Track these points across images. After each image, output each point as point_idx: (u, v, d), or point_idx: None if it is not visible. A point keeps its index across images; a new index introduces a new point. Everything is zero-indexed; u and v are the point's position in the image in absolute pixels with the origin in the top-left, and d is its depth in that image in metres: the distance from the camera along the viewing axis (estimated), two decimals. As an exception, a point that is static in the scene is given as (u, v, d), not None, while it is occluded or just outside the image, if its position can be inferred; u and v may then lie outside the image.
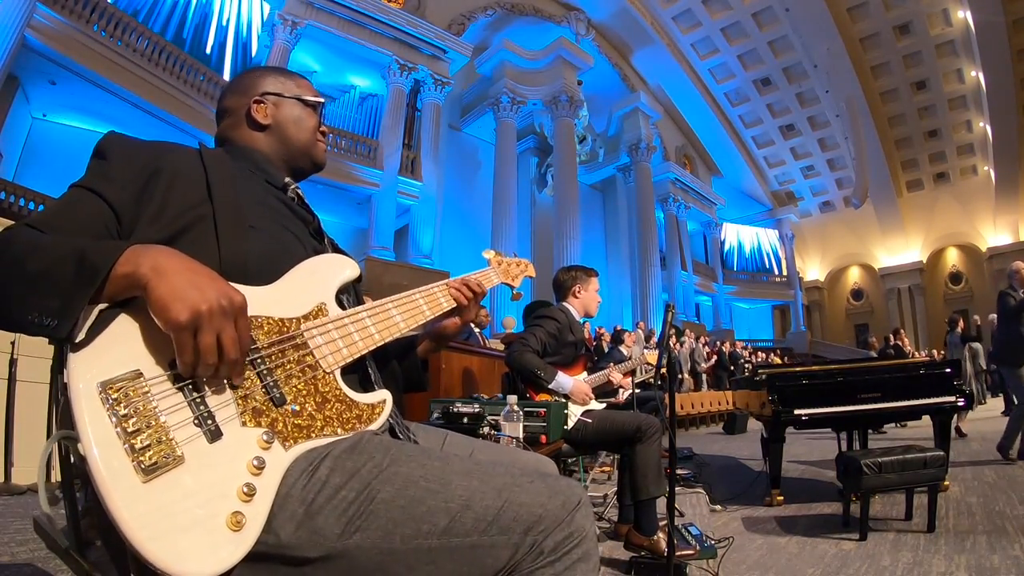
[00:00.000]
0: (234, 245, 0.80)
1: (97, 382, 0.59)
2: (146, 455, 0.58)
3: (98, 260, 0.63)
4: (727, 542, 2.33)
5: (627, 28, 19.33)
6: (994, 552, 2.21)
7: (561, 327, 2.62)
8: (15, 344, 3.15)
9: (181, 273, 0.64)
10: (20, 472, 3.14)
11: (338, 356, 0.81)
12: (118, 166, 0.80)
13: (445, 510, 0.68)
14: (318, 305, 0.83)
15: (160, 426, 0.60)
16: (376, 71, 13.38)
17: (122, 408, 0.59)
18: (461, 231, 14.58)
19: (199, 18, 11.42)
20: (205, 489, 0.60)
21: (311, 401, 0.75)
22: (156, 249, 0.66)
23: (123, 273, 0.63)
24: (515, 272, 1.30)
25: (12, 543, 2.16)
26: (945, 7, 17.69)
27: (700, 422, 9.83)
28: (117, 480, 0.56)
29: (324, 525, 0.66)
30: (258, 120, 1.02)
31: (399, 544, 0.67)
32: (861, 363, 4.35)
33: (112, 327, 0.64)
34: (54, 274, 0.63)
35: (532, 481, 0.73)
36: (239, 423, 0.67)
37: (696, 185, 22.00)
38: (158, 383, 0.63)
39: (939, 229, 23.10)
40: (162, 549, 0.55)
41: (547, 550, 0.69)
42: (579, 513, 0.73)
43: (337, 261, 0.91)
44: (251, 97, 1.03)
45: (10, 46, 7.50)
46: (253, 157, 1.00)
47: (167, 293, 0.62)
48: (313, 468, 0.69)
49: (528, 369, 2.44)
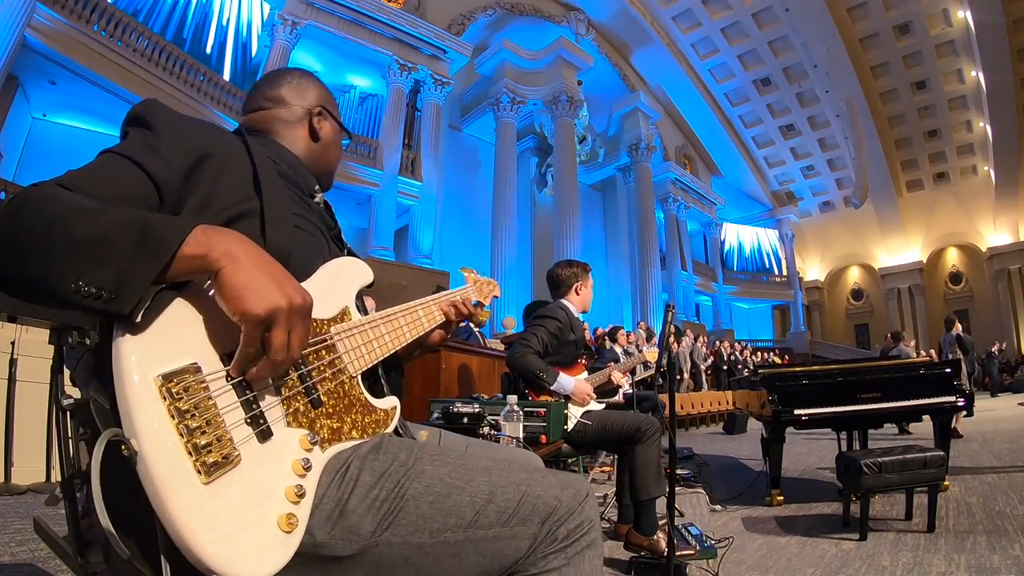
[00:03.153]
0: (280, 242, 0.79)
1: (157, 374, 0.56)
2: (207, 454, 0.56)
3: (168, 234, 0.57)
4: (727, 542, 2.33)
5: (627, 28, 19.34)
6: (994, 552, 2.21)
7: (562, 326, 2.59)
8: (15, 344, 3.15)
9: (257, 265, 0.61)
10: (20, 472, 3.13)
11: (361, 361, 0.83)
12: (167, 140, 0.74)
13: (471, 504, 0.71)
14: (343, 308, 0.84)
15: (219, 424, 0.58)
16: (376, 71, 13.38)
17: (183, 404, 0.56)
18: (461, 231, 14.59)
19: (199, 18, 11.41)
20: (258, 490, 0.60)
21: (340, 404, 0.76)
22: (229, 233, 0.62)
23: (192, 254, 0.58)
24: (486, 291, 1.34)
25: (12, 543, 2.16)
26: (945, 7, 17.69)
27: (700, 422, 9.82)
28: (178, 481, 0.54)
29: (358, 523, 0.67)
30: (318, 131, 1.04)
31: (428, 538, 0.69)
32: (861, 363, 4.35)
33: (168, 312, 0.59)
34: (110, 242, 0.56)
35: (545, 476, 0.77)
36: (285, 423, 0.67)
37: (696, 185, 22.00)
38: (215, 379, 0.60)
39: (939, 229, 23.11)
40: (220, 552, 0.54)
41: (560, 537, 0.73)
42: (587, 504, 0.77)
43: (357, 265, 0.92)
44: (310, 104, 1.04)
45: (10, 46, 7.49)
46: (291, 159, 0.99)
47: (244, 282, 0.59)
48: (344, 468, 0.71)
49: (529, 371, 2.43)
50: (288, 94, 1.03)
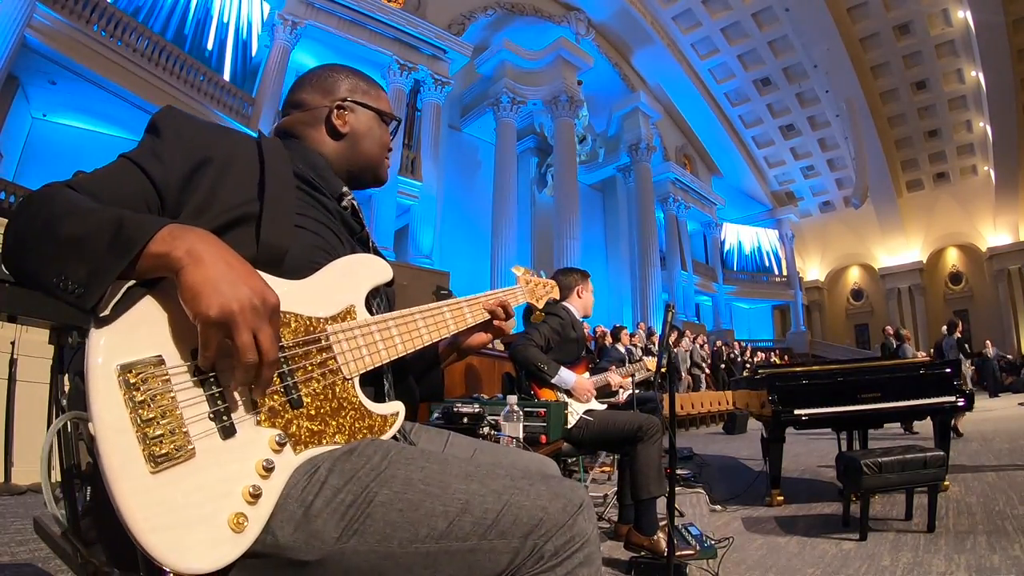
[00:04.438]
0: (273, 240, 0.77)
1: (117, 363, 0.58)
2: (158, 445, 0.57)
3: (135, 233, 0.60)
4: (727, 542, 2.33)
5: (627, 28, 19.34)
6: (994, 552, 2.21)
7: (564, 324, 2.65)
8: (15, 344, 3.15)
9: (217, 263, 0.61)
10: (20, 472, 3.13)
11: (360, 364, 0.79)
12: (169, 145, 0.76)
13: (443, 513, 0.67)
14: (348, 307, 0.81)
15: (175, 417, 0.59)
16: (376, 71, 13.36)
17: (139, 394, 0.57)
18: (461, 231, 14.59)
19: (199, 18, 11.41)
20: (211, 486, 0.60)
21: (327, 406, 0.73)
22: (195, 232, 0.63)
23: (157, 252, 0.60)
24: (540, 293, 1.28)
25: (12, 543, 2.15)
26: (945, 7, 17.69)
27: (700, 422, 9.83)
28: (125, 467, 0.55)
29: (322, 528, 0.65)
30: (337, 128, 0.99)
31: (397, 548, 0.65)
32: (861, 363, 4.35)
33: (139, 307, 0.62)
34: (89, 241, 0.59)
35: (532, 484, 0.71)
36: (254, 422, 0.66)
37: (696, 185, 22.01)
38: (178, 372, 0.61)
39: (939, 229, 23.10)
40: (162, 541, 0.55)
41: (548, 554, 0.67)
42: (581, 516, 0.70)
43: (371, 261, 0.89)
44: (333, 99, 0.99)
45: (10, 46, 7.50)
46: (315, 161, 0.96)
47: (200, 282, 0.59)
48: (313, 469, 0.68)
49: (532, 363, 2.46)
50: (308, 96, 1.01)
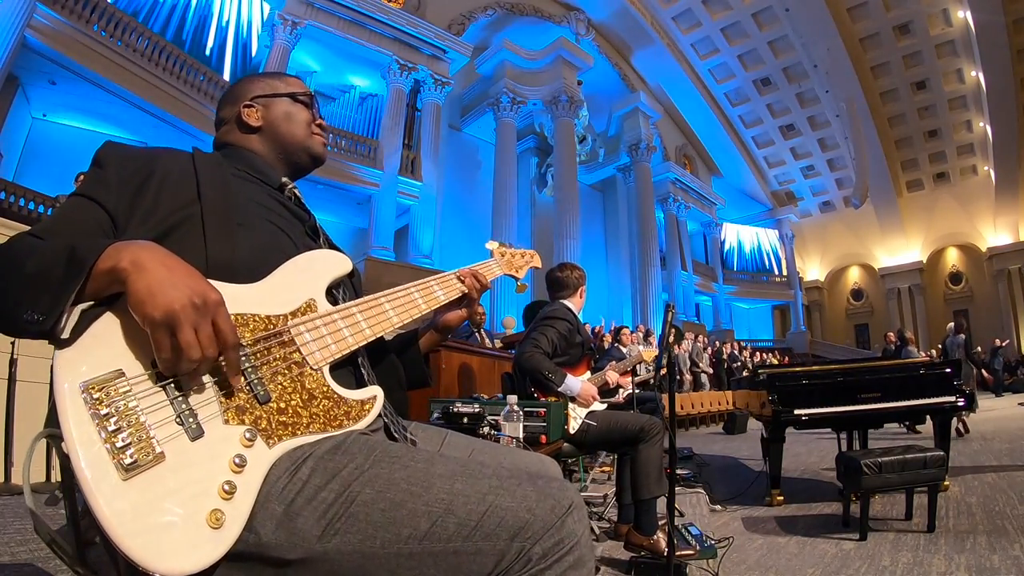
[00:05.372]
0: (221, 243, 0.81)
1: (80, 382, 0.60)
2: (126, 453, 0.59)
3: (85, 254, 0.64)
4: (727, 542, 2.33)
5: (627, 28, 19.32)
6: (994, 552, 2.21)
7: (571, 328, 2.60)
8: (15, 344, 3.15)
9: (158, 269, 0.64)
10: (20, 472, 3.13)
11: (326, 352, 0.80)
12: (114, 172, 0.82)
13: (426, 514, 0.66)
14: (307, 301, 0.83)
15: (140, 425, 0.61)
16: (376, 71, 13.37)
17: (103, 407, 0.60)
18: (461, 231, 14.57)
19: (199, 18, 11.41)
20: (186, 487, 0.61)
21: (297, 398, 0.74)
22: (137, 244, 0.66)
23: (105, 268, 0.63)
24: (519, 263, 1.28)
25: (12, 543, 2.16)
26: (945, 7, 17.67)
27: (700, 422, 9.83)
28: (98, 478, 0.57)
29: (303, 527, 0.65)
30: (249, 124, 1.04)
31: (379, 548, 0.65)
32: (861, 363, 4.35)
33: (96, 326, 0.64)
34: (47, 272, 0.64)
35: (520, 484, 0.70)
36: (221, 420, 0.67)
37: (696, 185, 21.99)
38: (139, 382, 0.63)
39: (939, 229, 23.09)
40: (142, 546, 0.56)
41: (536, 557, 0.66)
42: (570, 518, 0.68)
43: (326, 256, 0.91)
44: (241, 103, 1.05)
45: (10, 46, 7.49)
46: (249, 159, 1.02)
47: (143, 288, 0.62)
48: (295, 467, 0.68)
49: (538, 371, 2.41)
50: (225, 112, 1.07)
